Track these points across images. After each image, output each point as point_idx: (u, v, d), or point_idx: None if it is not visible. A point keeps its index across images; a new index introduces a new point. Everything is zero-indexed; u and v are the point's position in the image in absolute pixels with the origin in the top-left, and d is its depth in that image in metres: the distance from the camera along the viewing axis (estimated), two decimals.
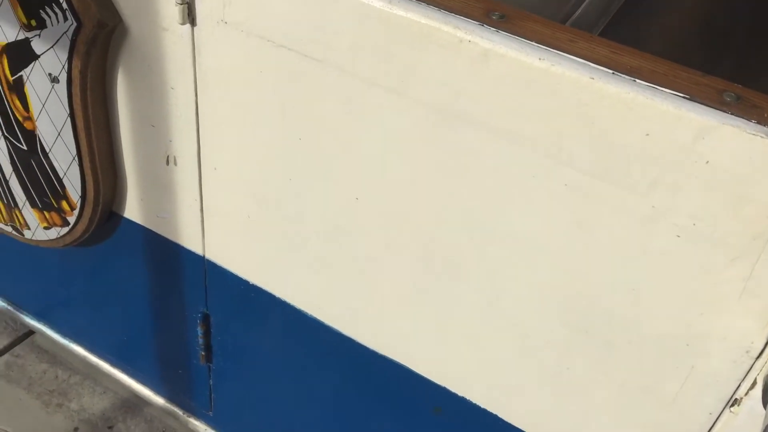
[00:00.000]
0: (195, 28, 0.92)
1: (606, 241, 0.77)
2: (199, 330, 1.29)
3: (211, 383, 1.39)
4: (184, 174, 1.09)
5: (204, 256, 1.18)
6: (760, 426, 0.74)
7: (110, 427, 1.76)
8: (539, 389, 0.93)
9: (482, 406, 1.01)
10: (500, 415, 1.00)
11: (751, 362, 0.75)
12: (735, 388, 0.77)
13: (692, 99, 0.67)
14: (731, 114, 0.66)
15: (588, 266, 0.80)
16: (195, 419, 1.50)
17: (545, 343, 0.89)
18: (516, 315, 0.89)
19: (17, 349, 1.90)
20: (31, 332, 1.93)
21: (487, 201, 0.82)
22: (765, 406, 0.71)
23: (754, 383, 0.75)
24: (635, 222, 0.74)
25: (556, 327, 0.86)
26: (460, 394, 1.02)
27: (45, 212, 1.23)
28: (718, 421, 0.80)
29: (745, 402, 0.77)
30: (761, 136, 0.64)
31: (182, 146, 1.05)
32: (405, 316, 1.00)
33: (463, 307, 0.93)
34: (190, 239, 1.17)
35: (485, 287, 0.89)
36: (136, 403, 1.81)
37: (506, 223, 0.82)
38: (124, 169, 1.15)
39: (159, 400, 1.54)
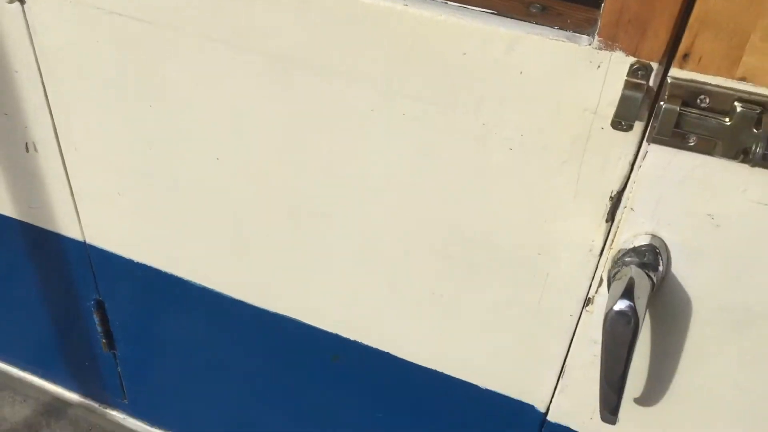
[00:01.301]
0: (25, 6, 0.90)
1: (448, 164, 0.79)
2: (96, 318, 1.27)
3: (119, 370, 1.38)
4: (46, 160, 1.07)
5: (85, 242, 1.16)
6: None
7: None
8: (419, 320, 0.96)
9: (373, 346, 1.03)
10: (391, 352, 1.02)
11: (596, 260, 0.79)
12: (587, 288, 0.81)
13: (500, 14, 0.70)
14: (536, 24, 0.68)
15: (438, 192, 0.82)
16: (111, 409, 1.49)
17: (417, 276, 0.91)
18: (384, 253, 0.92)
19: None
20: None
21: (336, 143, 0.84)
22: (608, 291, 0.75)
23: (602, 281, 0.80)
24: (471, 141, 0.76)
25: (422, 257, 0.89)
26: (352, 338, 1.04)
27: None
28: (579, 322, 0.85)
29: (597, 300, 0.81)
30: (563, 41, 0.67)
31: (39, 131, 1.03)
32: (287, 273, 1.02)
33: (336, 252, 0.95)
34: (67, 227, 1.16)
35: (351, 230, 0.91)
36: (58, 406, 1.78)
37: (357, 162, 0.84)
38: None
39: (74, 397, 1.52)
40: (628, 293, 0.71)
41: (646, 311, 0.72)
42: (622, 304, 0.70)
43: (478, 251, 0.85)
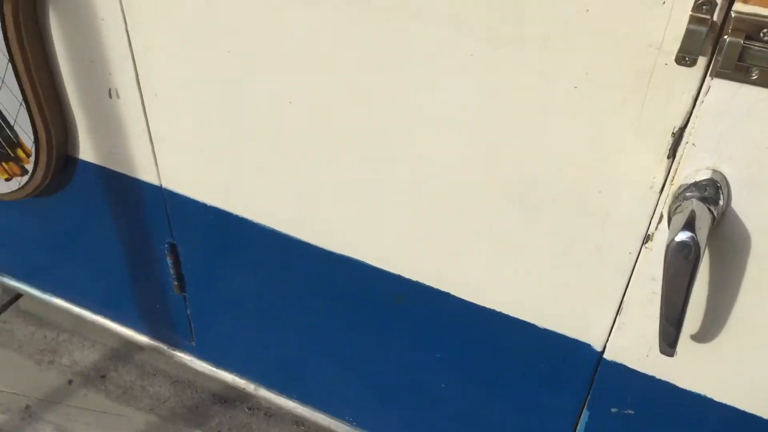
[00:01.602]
0: None
1: (514, 104, 0.83)
2: (169, 261, 1.35)
3: (188, 313, 1.46)
4: (127, 105, 1.13)
5: (161, 186, 1.23)
6: None
7: (103, 376, 1.83)
8: (480, 261, 1.00)
9: (435, 287, 1.08)
10: (452, 293, 1.06)
11: (656, 197, 0.81)
12: (647, 226, 0.84)
13: None
14: None
15: (503, 131, 0.85)
16: (179, 352, 1.57)
17: (479, 215, 0.95)
18: (449, 193, 0.95)
19: (3, 316, 1.96)
20: (15, 298, 1.99)
21: (406, 84, 0.87)
22: (669, 226, 0.77)
23: (662, 217, 0.82)
24: (536, 80, 0.79)
25: (487, 197, 0.93)
26: (414, 279, 1.09)
27: (3, 163, 1.28)
28: (638, 259, 0.87)
29: (657, 236, 0.84)
30: None
31: (121, 77, 1.10)
32: (354, 216, 1.06)
33: (402, 194, 0.99)
34: (145, 171, 1.22)
35: (418, 171, 0.95)
36: (125, 352, 1.89)
37: (425, 102, 0.88)
38: (71, 109, 1.19)
39: (144, 339, 1.61)
40: (689, 225, 0.73)
41: (706, 245, 0.75)
42: (683, 235, 0.73)
43: (540, 190, 0.88)
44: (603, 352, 0.99)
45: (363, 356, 1.28)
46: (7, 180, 1.31)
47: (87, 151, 1.25)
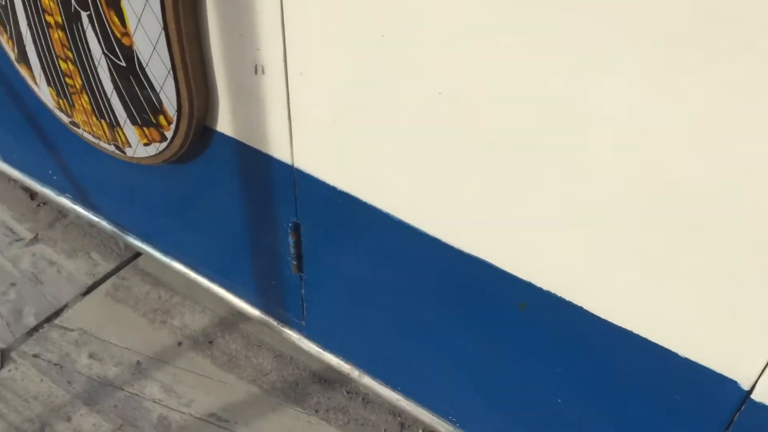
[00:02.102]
0: None
1: (690, 110, 0.76)
2: (290, 240, 1.35)
3: (303, 293, 1.46)
4: (271, 82, 1.13)
5: (293, 165, 1.23)
6: None
7: (210, 342, 1.87)
8: (621, 277, 0.94)
9: (567, 299, 1.02)
10: (585, 307, 1.01)
11: None
12: None
13: None
14: None
15: (670, 141, 0.79)
16: (288, 329, 1.58)
17: (627, 228, 0.89)
18: (596, 201, 0.90)
19: (123, 272, 2.04)
20: (135, 256, 2.06)
21: (577, 83, 0.82)
22: None
23: None
24: (722, 89, 0.72)
25: (637, 209, 0.86)
26: (545, 288, 1.04)
27: (144, 128, 1.31)
28: None
29: None
30: None
31: (269, 54, 1.09)
32: (491, 213, 1.02)
33: (549, 198, 0.94)
34: (279, 149, 1.22)
35: (572, 175, 0.90)
36: (233, 321, 1.92)
37: (595, 103, 0.82)
38: (215, 82, 1.21)
39: (255, 312, 1.63)
40: None
41: None
42: None
43: (703, 209, 0.81)
44: (751, 391, 0.91)
45: (476, 358, 1.24)
46: (145, 145, 1.34)
47: (224, 124, 1.26)
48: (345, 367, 1.51)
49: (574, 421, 1.17)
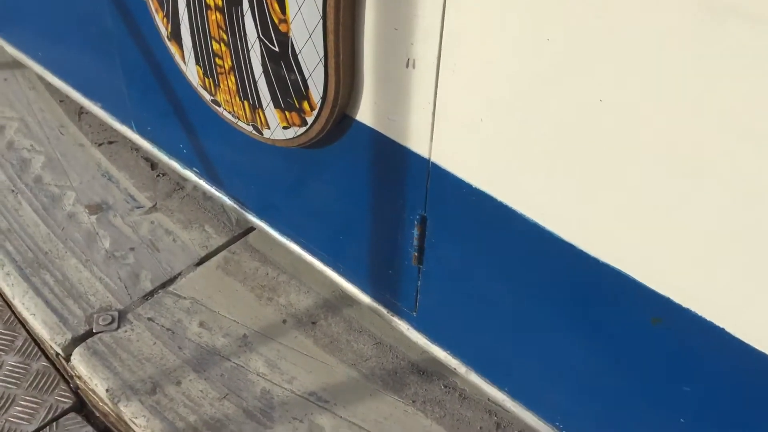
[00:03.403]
0: None
1: None
2: (415, 232, 1.37)
3: (419, 285, 1.48)
4: (421, 77, 1.14)
5: (429, 159, 1.24)
6: None
7: (314, 323, 1.92)
8: None
9: (708, 319, 1.00)
10: (728, 329, 0.99)
11: None
12: None
13: None
14: None
15: None
16: (399, 318, 1.60)
17: None
18: (754, 215, 0.87)
19: (233, 247, 2.11)
20: (245, 233, 2.13)
21: (751, 101, 0.80)
22: None
23: None
24: None
25: None
26: (684, 305, 1.02)
27: (286, 112, 1.35)
28: None
29: None
30: None
31: (423, 49, 1.11)
32: (637, 226, 1.01)
33: (705, 216, 0.93)
34: (417, 142, 1.24)
35: (732, 191, 0.88)
36: (336, 304, 1.96)
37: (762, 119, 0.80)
38: (362, 72, 1.23)
39: (364, 298, 1.66)
40: None
41: None
42: None
43: None
44: None
45: (595, 369, 1.23)
46: (284, 128, 1.38)
47: (364, 113, 1.29)
48: (452, 361, 1.52)
49: None
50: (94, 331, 1.84)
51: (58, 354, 1.84)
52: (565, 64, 0.95)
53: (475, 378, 1.51)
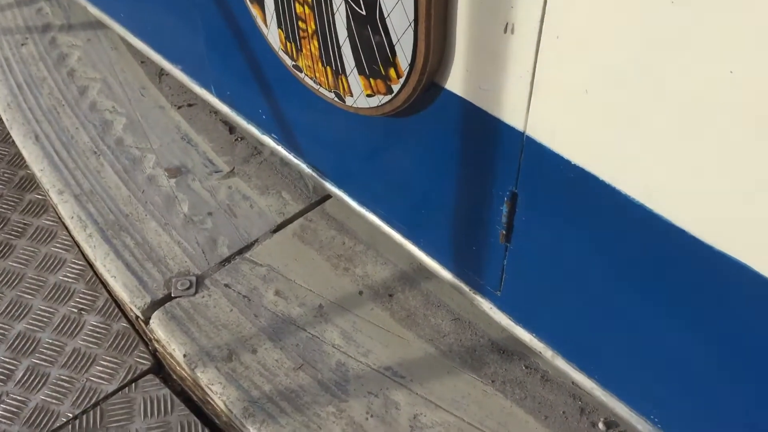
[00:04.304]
0: None
1: None
2: (505, 208, 1.29)
3: (504, 263, 1.40)
4: (520, 43, 1.05)
5: (524, 132, 1.16)
6: None
7: (390, 295, 1.87)
8: None
9: None
10: None
11: None
12: None
13: None
14: None
15: None
16: (481, 297, 1.53)
17: None
18: None
19: (310, 215, 2.07)
20: (322, 200, 2.09)
21: None
22: None
23: None
24: None
25: None
26: None
27: (371, 79, 1.28)
28: None
29: None
30: None
31: (524, 12, 1.02)
32: (759, 211, 0.91)
33: None
34: (511, 114, 1.15)
35: None
36: (413, 277, 1.91)
37: None
38: (455, 38, 1.15)
39: (446, 273, 1.59)
40: None
41: None
42: None
43: None
44: None
45: (700, 363, 1.14)
46: (368, 96, 1.32)
47: (455, 82, 1.21)
48: (538, 345, 1.45)
49: None
50: (172, 295, 1.85)
51: (137, 317, 1.85)
52: (691, 30, 0.84)
53: (561, 363, 1.43)
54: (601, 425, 1.56)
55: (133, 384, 1.82)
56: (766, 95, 0.82)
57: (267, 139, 1.92)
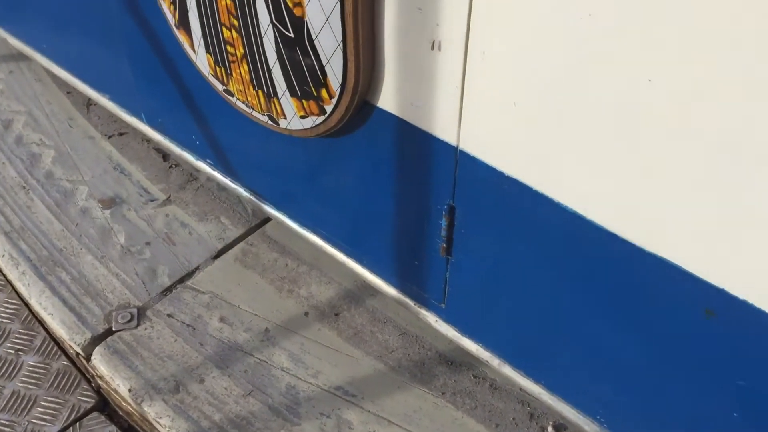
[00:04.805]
0: None
1: None
2: (443, 222, 1.30)
3: (447, 276, 1.42)
4: (447, 60, 1.07)
5: (457, 146, 1.17)
6: None
7: (336, 314, 1.87)
8: None
9: (766, 310, 0.94)
10: None
11: None
12: None
13: None
14: None
15: None
16: (426, 310, 1.54)
17: None
18: None
19: (251, 239, 2.05)
20: (262, 223, 2.08)
21: None
22: None
23: None
24: None
25: None
26: (741, 296, 0.96)
27: (303, 101, 1.28)
28: None
29: None
30: None
31: (450, 30, 1.04)
32: (688, 213, 0.94)
33: (760, 197, 0.86)
34: (444, 129, 1.17)
35: None
36: (359, 295, 1.91)
37: None
38: (384, 57, 1.16)
39: (390, 290, 1.60)
40: None
41: None
42: None
43: None
44: None
45: (641, 363, 1.17)
46: (302, 117, 1.32)
47: (386, 100, 1.22)
48: (484, 354, 1.47)
49: None
50: (113, 329, 1.80)
51: (78, 354, 1.80)
52: (610, 41, 0.87)
53: (508, 371, 1.45)
54: (550, 429, 1.59)
55: (78, 423, 1.76)
56: (682, 101, 0.85)
57: (202, 165, 1.90)
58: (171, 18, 1.45)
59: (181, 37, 1.47)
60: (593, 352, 1.23)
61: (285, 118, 1.35)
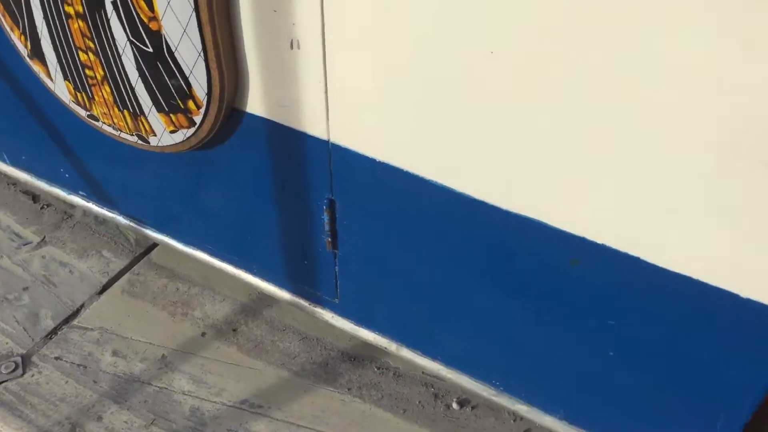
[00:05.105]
0: None
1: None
2: (325, 216, 1.34)
3: (336, 270, 1.46)
4: (307, 57, 1.11)
5: (328, 140, 1.22)
6: None
7: (234, 330, 1.86)
8: (685, 224, 0.95)
9: (623, 251, 1.03)
10: (644, 257, 1.02)
11: None
12: None
13: None
14: None
15: (741, 76, 0.80)
16: (321, 308, 1.57)
17: (692, 174, 0.90)
18: (657, 146, 0.90)
19: (137, 268, 2.01)
20: (147, 251, 2.04)
21: (647, 32, 0.82)
22: None
23: None
24: None
25: (703, 153, 0.87)
26: (599, 241, 1.05)
27: (171, 115, 1.29)
28: None
29: None
30: None
31: (306, 28, 1.08)
32: (542, 172, 1.03)
33: (604, 151, 0.95)
34: (313, 125, 1.21)
35: (621, 119, 0.90)
36: (254, 307, 1.91)
37: (663, 52, 0.83)
38: (246, 61, 1.19)
39: (283, 294, 1.62)
40: None
41: None
42: None
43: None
44: None
45: (523, 321, 1.25)
46: (172, 132, 1.32)
47: (255, 104, 1.25)
48: (382, 341, 1.51)
49: (631, 379, 1.19)
50: None
51: None
52: (450, 19, 0.94)
53: (407, 353, 1.50)
54: (454, 405, 1.65)
55: None
56: (522, 71, 0.93)
57: (76, 199, 1.85)
58: (23, 49, 1.41)
59: (36, 67, 1.43)
60: (477, 318, 1.30)
61: (155, 135, 1.35)
